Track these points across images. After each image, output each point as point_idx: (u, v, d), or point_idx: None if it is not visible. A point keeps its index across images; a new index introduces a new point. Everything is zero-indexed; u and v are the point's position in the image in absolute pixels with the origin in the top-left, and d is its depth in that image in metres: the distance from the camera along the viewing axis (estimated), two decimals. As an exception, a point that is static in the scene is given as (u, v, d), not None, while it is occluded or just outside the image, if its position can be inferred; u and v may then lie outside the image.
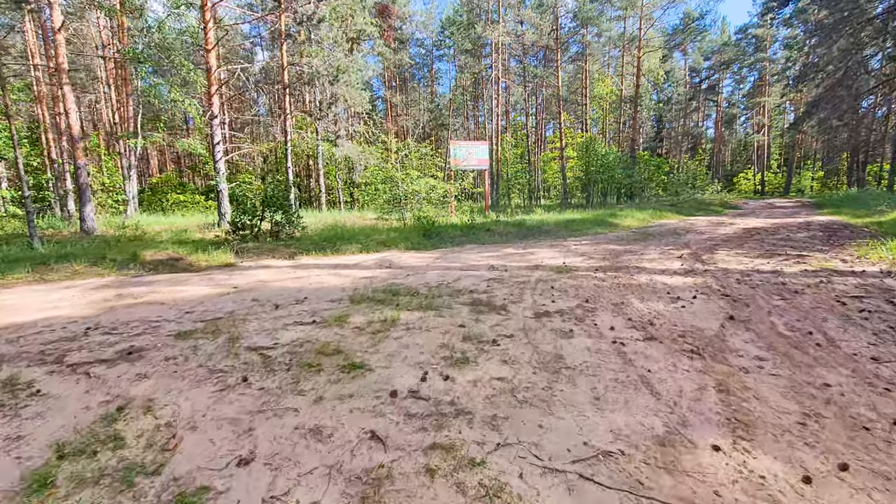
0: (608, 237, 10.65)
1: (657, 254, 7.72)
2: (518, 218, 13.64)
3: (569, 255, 7.78)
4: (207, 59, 12.34)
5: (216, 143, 12.58)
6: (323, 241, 8.95)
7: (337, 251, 8.39)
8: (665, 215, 16.25)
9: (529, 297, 4.65)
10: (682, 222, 14.48)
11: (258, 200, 9.17)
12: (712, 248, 8.37)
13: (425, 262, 7.15)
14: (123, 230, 12.40)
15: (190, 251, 7.89)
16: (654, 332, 3.58)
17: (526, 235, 11.16)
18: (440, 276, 5.92)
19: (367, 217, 17.05)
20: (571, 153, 31.00)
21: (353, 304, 4.37)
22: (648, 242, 9.46)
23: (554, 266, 6.52)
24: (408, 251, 8.84)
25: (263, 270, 6.55)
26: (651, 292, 4.89)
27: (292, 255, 7.94)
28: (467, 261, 7.30)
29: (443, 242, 9.90)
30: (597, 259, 7.23)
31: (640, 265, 6.60)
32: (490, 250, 8.69)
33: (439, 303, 4.42)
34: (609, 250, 8.25)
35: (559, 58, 26.05)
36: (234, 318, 4.00)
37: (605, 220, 13.77)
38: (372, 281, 5.64)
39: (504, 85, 29.02)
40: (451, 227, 11.20)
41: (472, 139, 31.57)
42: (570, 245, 9.24)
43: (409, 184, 12.75)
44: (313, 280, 5.73)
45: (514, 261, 7.18)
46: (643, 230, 12.13)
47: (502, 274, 5.97)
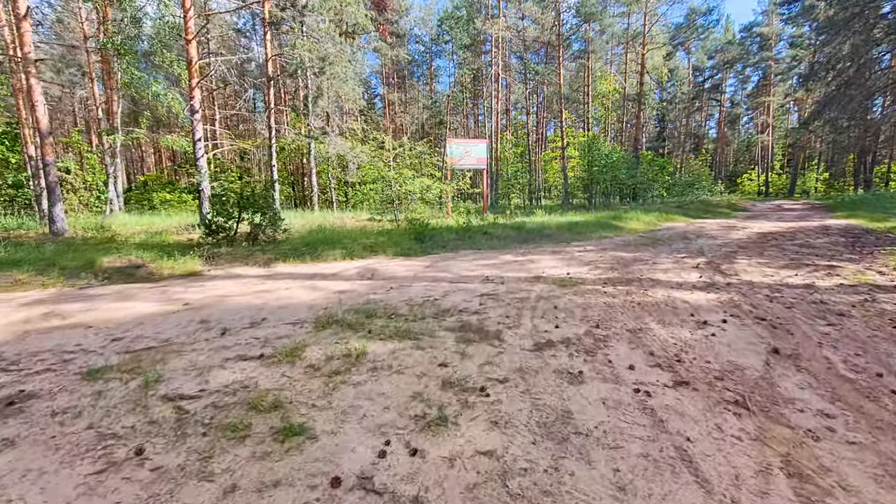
0: (614, 242, 9.92)
1: (670, 263, 6.99)
2: (518, 220, 12.91)
3: (573, 263, 7.05)
4: (188, 50, 11.60)
5: (197, 139, 11.84)
6: (304, 246, 8.22)
7: (318, 258, 7.66)
8: (672, 218, 15.52)
9: (529, 320, 3.93)
10: (691, 225, 13.74)
11: (233, 201, 8.45)
12: (730, 255, 7.65)
13: (412, 272, 6.42)
14: (98, 231, 11.67)
15: (155, 257, 7.16)
16: (685, 373, 2.85)
17: (526, 239, 10.43)
18: (427, 290, 5.20)
19: (360, 218, 16.32)
20: (573, 153, 30.27)
21: (317, 330, 3.65)
22: (659, 249, 8.73)
23: (557, 278, 5.79)
24: (396, 257, 8.11)
25: (229, 281, 5.83)
26: (671, 313, 4.17)
27: (268, 263, 7.21)
28: (460, 270, 6.57)
29: (435, 247, 9.17)
30: (604, 269, 6.50)
31: (654, 277, 5.87)
32: (486, 257, 7.96)
33: (420, 328, 3.69)
34: (617, 258, 7.52)
35: (561, 55, 25.28)
36: (168, 348, 3.27)
37: (609, 222, 13.04)
38: (348, 296, 4.92)
39: (504, 82, 28.29)
40: (445, 230, 10.47)
41: (472, 138, 30.81)
42: (574, 251, 8.51)
43: (402, 184, 12.03)
44: (281, 295, 5.00)
45: (513, 270, 6.45)
46: (651, 234, 11.39)
47: (498, 288, 5.25)
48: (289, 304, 4.55)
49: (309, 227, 12.48)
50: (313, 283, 5.62)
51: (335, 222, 14.30)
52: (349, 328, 3.68)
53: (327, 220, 14.79)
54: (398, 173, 12.32)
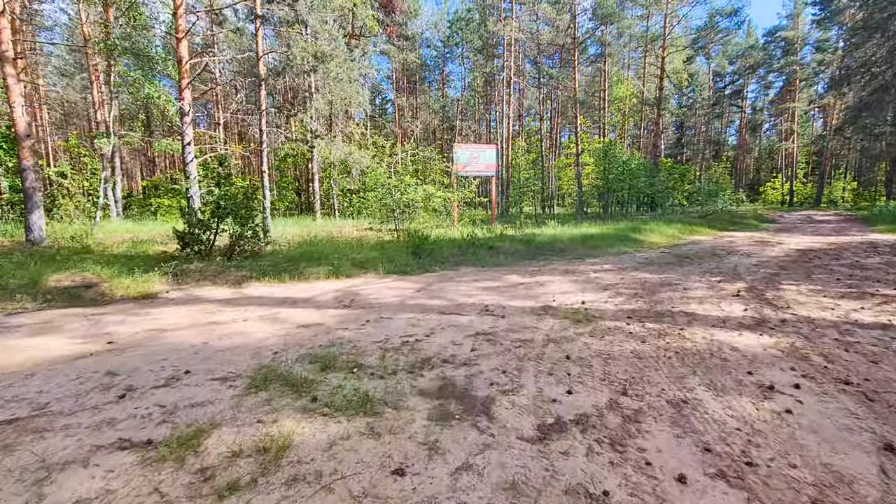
0: (635, 259, 8.87)
1: (704, 288, 5.95)
2: (528, 232, 11.92)
3: (588, 288, 6.05)
4: (178, 49, 10.95)
5: (187, 142, 11.15)
6: (287, 262, 7.37)
7: (299, 276, 6.79)
8: (696, 230, 14.35)
9: (532, 379, 2.96)
10: (718, 239, 12.58)
11: (209, 211, 7.65)
12: (772, 279, 6.57)
13: (400, 297, 5.50)
14: (80, 240, 11.03)
15: (114, 274, 6.37)
16: (765, 495, 1.86)
17: (535, 254, 9.44)
18: (410, 325, 4.26)
19: (361, 227, 15.50)
20: (588, 159, 29.18)
21: (247, 393, 2.74)
22: (687, 268, 7.67)
23: (570, 309, 4.81)
24: (387, 276, 7.20)
25: (182, 308, 4.97)
26: (721, 369, 3.17)
27: (240, 282, 6.36)
28: (456, 295, 5.62)
29: (434, 264, 8.24)
30: (626, 296, 5.49)
31: (689, 309, 4.85)
32: (489, 277, 7.00)
33: (386, 391, 2.76)
34: (640, 281, 6.49)
35: (576, 58, 24.29)
36: (34, 423, 2.39)
37: (627, 235, 11.97)
38: (312, 333, 4.01)
39: (517, 87, 27.40)
40: (447, 244, 9.55)
41: (481, 143, 29.88)
42: (590, 271, 7.50)
43: (403, 192, 11.16)
44: (232, 329, 4.12)
45: (517, 297, 5.48)
46: (675, 250, 10.31)
47: (497, 323, 4.29)
48: (234, 345, 3.66)
49: (303, 237, 11.69)
50: (278, 313, 4.73)
51: (333, 232, 13.51)
52: (291, 390, 2.76)
53: (326, 230, 14.01)
54: (399, 180, 11.46)
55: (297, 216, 20.07)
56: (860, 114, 21.96)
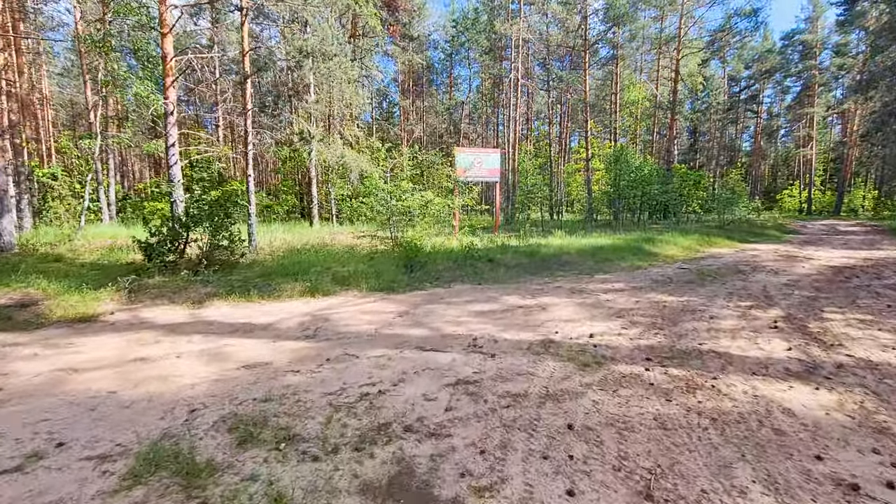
0: (650, 276, 8.00)
1: (735, 316, 5.08)
2: (532, 242, 11.08)
3: (598, 314, 5.22)
4: (163, 45, 10.33)
5: (171, 144, 10.51)
6: (260, 277, 6.63)
7: (271, 293, 6.04)
8: (714, 241, 13.39)
9: (519, 470, 2.15)
10: (740, 253, 11.63)
11: (176, 219, 6.95)
12: (810, 304, 5.67)
13: (376, 325, 4.71)
14: (56, 245, 10.44)
15: (63, 289, 5.68)
16: None
17: (540, 269, 8.61)
18: (377, 367, 3.47)
19: (358, 233, 14.78)
20: (599, 165, 28.28)
21: (120, 488, 1.97)
22: (710, 288, 6.79)
23: (575, 346, 3.99)
24: (370, 294, 6.42)
25: (116, 338, 4.24)
26: (779, 451, 2.33)
27: (201, 301, 5.63)
28: (442, 323, 4.82)
29: (426, 279, 7.45)
30: (643, 327, 4.66)
31: (720, 346, 4.01)
32: (484, 298, 6.19)
33: (315, 485, 1.97)
34: (658, 305, 5.64)
35: (587, 60, 23.44)
36: None
37: (640, 247, 11.08)
38: (253, 377, 3.24)
39: (526, 90, 26.61)
40: (442, 255, 8.75)
41: (486, 147, 29.05)
42: (600, 291, 6.65)
43: (398, 197, 10.40)
44: (158, 371, 3.37)
45: (514, 327, 4.66)
46: (694, 265, 9.40)
47: (484, 367, 3.48)
48: (148, 396, 2.90)
49: (292, 245, 10.99)
50: (224, 346, 3.96)
51: (327, 239, 12.79)
52: (180, 485, 1.98)
53: (320, 237, 13.30)
54: (395, 186, 10.70)
55: (295, 221, 19.43)
56: (888, 119, 20.81)
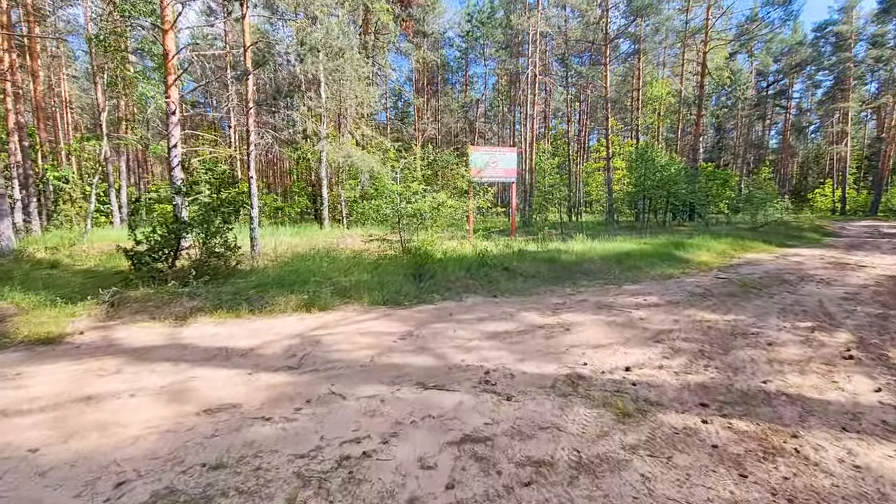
0: (685, 287, 7.19)
1: (797, 342, 4.30)
2: (551, 247, 10.33)
3: (632, 337, 4.49)
4: (164, 42, 9.93)
5: (172, 145, 10.11)
6: (255, 288, 6.07)
7: (263, 308, 5.47)
8: (749, 246, 12.40)
9: None
10: (781, 259, 10.67)
11: (162, 227, 6.45)
12: (884, 326, 4.83)
13: (373, 350, 4.08)
14: (58, 250, 10.13)
15: (40, 302, 5.22)
16: None
17: (561, 278, 7.87)
18: (365, 414, 2.83)
19: (370, 236, 14.23)
20: (619, 164, 27.25)
21: None
22: (756, 303, 5.97)
23: (609, 383, 3.29)
24: (373, 309, 5.80)
25: (72, 366, 3.70)
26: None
27: (184, 317, 5.09)
28: (449, 348, 4.16)
29: (436, 290, 6.79)
30: (688, 355, 3.92)
31: (788, 385, 3.25)
32: (499, 315, 5.51)
33: None
34: (701, 326, 4.87)
35: (608, 54, 22.49)
36: None
37: (670, 252, 10.23)
38: (212, 429, 2.64)
39: (544, 86, 25.75)
40: (454, 262, 8.08)
41: (502, 146, 28.17)
42: (631, 306, 5.90)
43: (407, 199, 9.78)
44: (103, 416, 2.80)
45: (534, 355, 3.98)
46: (732, 273, 8.53)
47: (498, 415, 2.81)
48: (76, 457, 2.32)
49: (297, 250, 10.48)
50: (191, 379, 3.38)
51: (335, 243, 12.27)
52: None
53: (329, 241, 12.78)
54: (405, 187, 10.08)
55: (307, 224, 19.01)
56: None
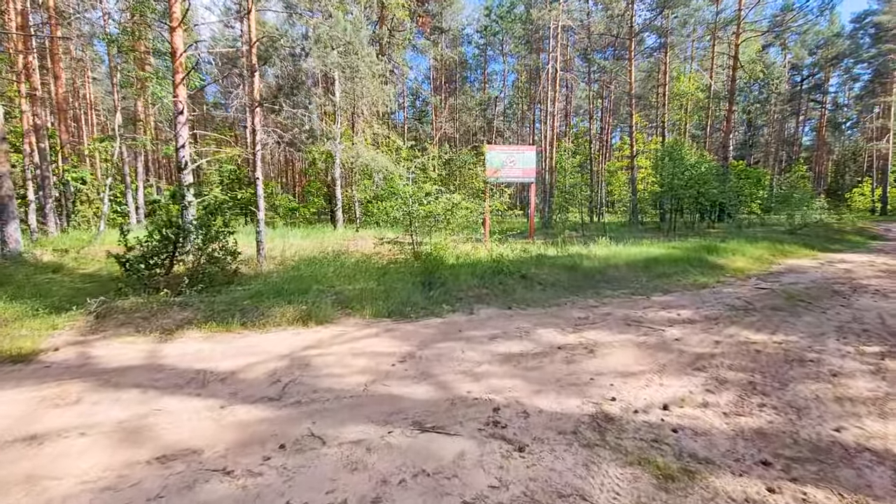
0: (722, 299, 6.49)
1: (866, 372, 3.62)
2: (572, 251, 9.69)
3: (667, 363, 3.88)
4: (172, 40, 9.69)
5: (181, 145, 9.87)
6: (250, 298, 5.67)
7: (256, 320, 5.06)
8: (789, 250, 11.49)
9: None
10: (826, 265, 9.78)
11: (157, 231, 6.11)
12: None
13: (367, 376, 3.59)
14: (68, 252, 10.01)
15: (24, 312, 4.93)
16: None
17: (582, 286, 7.26)
18: (345, 469, 2.33)
19: (383, 238, 13.83)
20: (644, 162, 26.27)
21: None
22: (808, 319, 5.26)
23: (643, 428, 2.71)
24: (374, 322, 5.32)
25: (32, 391, 3.32)
26: None
27: (171, 330, 4.71)
28: (455, 375, 3.64)
29: (446, 299, 6.28)
30: (736, 388, 3.31)
31: (866, 432, 2.62)
32: (514, 332, 4.96)
33: None
34: (747, 349, 4.23)
35: (632, 48, 21.58)
36: None
37: (702, 258, 9.48)
38: (159, 485, 2.19)
39: (565, 82, 24.94)
40: (467, 269, 7.56)
41: (525, 145, 27.40)
42: (662, 322, 5.27)
43: (419, 201, 9.30)
44: (40, 465, 2.38)
45: (552, 385, 3.42)
46: (773, 282, 7.77)
47: (507, 472, 2.28)
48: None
49: (306, 254, 10.13)
50: (154, 412, 2.95)
51: (349, 246, 11.90)
52: None
53: (338, 243, 12.42)
54: (418, 188, 9.60)
55: (321, 225, 18.76)
56: None
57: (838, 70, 46.29)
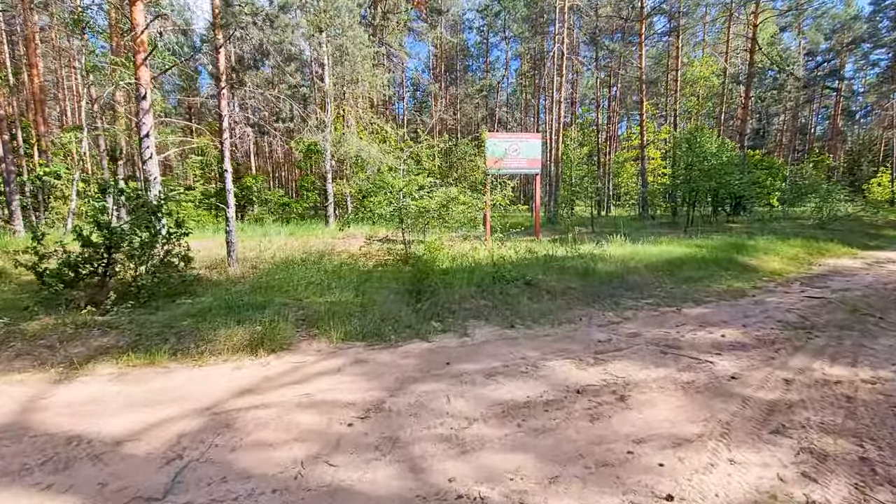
0: (769, 311, 5.39)
1: None
2: (585, 251, 8.58)
3: (729, 417, 2.80)
4: (132, 15, 8.61)
5: (144, 134, 8.82)
6: (191, 318, 4.62)
7: (192, 349, 4.01)
8: (825, 248, 10.33)
9: None
10: (875, 266, 8.63)
11: (79, 237, 5.09)
12: None
13: (308, 449, 2.53)
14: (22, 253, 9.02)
15: None
16: None
17: (598, 295, 6.17)
18: None
19: (371, 238, 12.79)
20: (655, 153, 25.03)
21: None
22: (887, 341, 4.17)
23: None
24: (343, 348, 4.27)
25: None
26: None
27: (79, 364, 3.67)
28: (433, 448, 2.58)
29: (437, 313, 5.22)
30: (846, 469, 2.22)
31: None
32: (516, 366, 3.89)
33: None
34: (834, 394, 3.13)
35: (643, 31, 20.27)
36: None
37: (731, 258, 8.35)
38: None
39: (570, 66, 23.65)
40: (463, 274, 6.49)
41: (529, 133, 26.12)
42: (706, 347, 4.18)
43: (410, 193, 8.23)
44: None
45: (572, 464, 2.34)
46: (821, 287, 6.65)
47: None
48: None
49: (287, 253, 9.11)
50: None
51: (332, 246, 10.86)
52: None
53: (326, 242, 11.40)
54: (409, 180, 8.52)
55: (314, 221, 17.72)
56: None
57: (853, 56, 44.52)
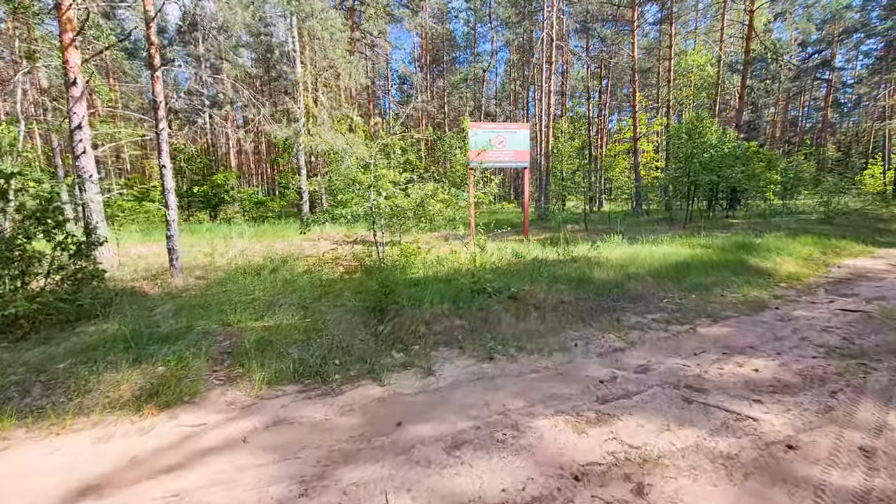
0: (801, 330, 4.47)
1: None
2: (579, 253, 7.63)
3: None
4: (56, -12, 7.46)
5: (75, 126, 7.68)
6: (71, 357, 3.59)
7: (56, 405, 2.99)
8: (839, 246, 9.48)
9: None
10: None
11: None
12: None
13: None
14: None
15: None
16: None
17: (594, 310, 5.20)
18: None
19: (348, 237, 11.74)
20: (647, 146, 24.22)
21: None
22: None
23: None
24: (270, 396, 3.25)
25: None
26: None
27: None
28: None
29: (401, 337, 4.23)
30: None
31: None
32: (493, 424, 2.91)
33: None
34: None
35: (636, 17, 19.33)
36: None
37: (740, 259, 7.45)
38: None
39: (561, 52, 22.69)
40: (438, 286, 5.49)
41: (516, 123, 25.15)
42: (737, 390, 3.24)
43: (378, 190, 7.22)
44: None
45: None
46: (852, 295, 5.75)
47: None
48: None
49: (244, 259, 8.08)
50: None
51: (305, 248, 9.85)
52: None
53: (293, 245, 10.37)
54: (379, 176, 7.49)
55: (290, 221, 16.60)
56: None
57: (844, 47, 44.09)
